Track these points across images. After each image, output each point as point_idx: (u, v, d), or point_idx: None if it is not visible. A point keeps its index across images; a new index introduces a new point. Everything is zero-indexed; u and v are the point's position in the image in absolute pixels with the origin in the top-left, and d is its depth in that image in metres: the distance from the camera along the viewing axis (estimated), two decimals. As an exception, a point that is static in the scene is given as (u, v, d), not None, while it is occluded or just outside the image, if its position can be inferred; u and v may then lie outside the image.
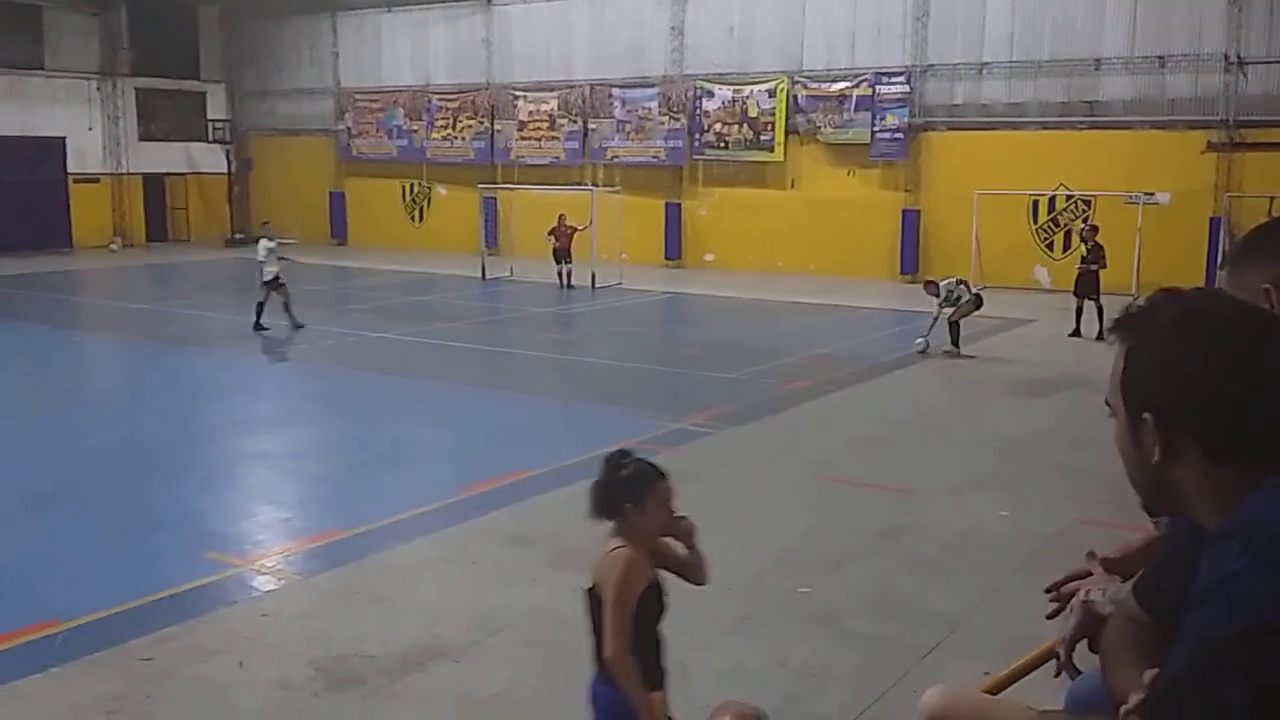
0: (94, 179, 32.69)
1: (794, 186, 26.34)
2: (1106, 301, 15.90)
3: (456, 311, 20.52)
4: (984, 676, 2.95)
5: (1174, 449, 1.47)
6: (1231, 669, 1.28)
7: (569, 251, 23.37)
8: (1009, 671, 2.58)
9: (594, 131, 28.83)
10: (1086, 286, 16.95)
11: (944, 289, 15.41)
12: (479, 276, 25.05)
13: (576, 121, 29.06)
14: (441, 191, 32.16)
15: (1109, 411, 1.59)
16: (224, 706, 5.39)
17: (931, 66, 24.30)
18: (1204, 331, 1.47)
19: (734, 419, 11.59)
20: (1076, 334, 16.82)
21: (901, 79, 24.50)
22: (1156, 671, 1.50)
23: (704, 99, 27.12)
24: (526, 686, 5.62)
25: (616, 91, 28.35)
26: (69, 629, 6.19)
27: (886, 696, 5.40)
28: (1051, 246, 23.49)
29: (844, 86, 25.19)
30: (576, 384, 14.31)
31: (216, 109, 35.30)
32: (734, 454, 10.27)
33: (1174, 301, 1.53)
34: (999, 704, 2.33)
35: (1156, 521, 2.12)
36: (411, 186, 32.77)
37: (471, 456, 10.42)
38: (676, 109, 27.48)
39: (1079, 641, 2.03)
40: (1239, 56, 21.11)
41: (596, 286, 23.15)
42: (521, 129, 30.07)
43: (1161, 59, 21.84)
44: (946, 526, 8.11)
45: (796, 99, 25.81)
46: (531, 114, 29.85)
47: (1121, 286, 19.08)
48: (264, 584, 7.06)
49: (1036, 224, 23.66)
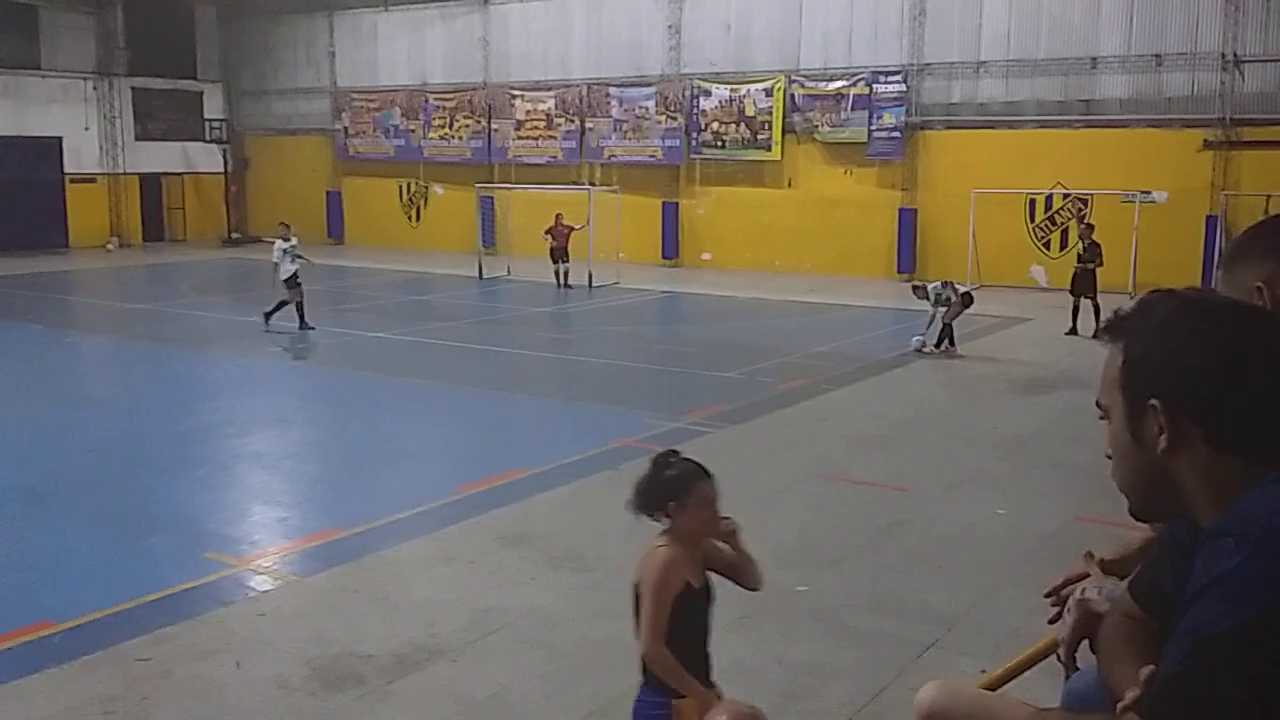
0: (90, 179, 32.65)
1: (791, 185, 26.34)
2: (1103, 300, 15.93)
3: (454, 311, 20.52)
4: (981, 674, 2.95)
5: (1179, 436, 1.48)
6: (1228, 663, 1.28)
7: (566, 251, 23.35)
8: (1006, 668, 2.58)
9: (591, 131, 28.81)
10: (1083, 285, 16.97)
11: (931, 292, 15.48)
12: (476, 276, 25.02)
13: (574, 121, 29.04)
14: (438, 191, 32.15)
15: (1100, 414, 1.60)
16: (221, 706, 5.39)
17: (928, 65, 24.31)
18: (1204, 319, 1.49)
19: (732, 418, 11.60)
20: (1073, 332, 16.83)
21: (898, 78, 24.50)
22: (1152, 668, 1.50)
23: (701, 98, 27.11)
24: (524, 686, 5.62)
25: (614, 91, 28.33)
26: (66, 629, 6.19)
27: (884, 693, 5.42)
28: (1048, 245, 23.50)
29: (841, 85, 25.19)
30: (574, 383, 14.30)
31: (213, 108, 35.25)
32: (732, 452, 10.25)
33: (1168, 297, 1.54)
34: (996, 700, 2.33)
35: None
36: (408, 186, 32.76)
37: (469, 456, 10.42)
38: (674, 108, 27.47)
39: (1079, 642, 2.02)
40: (1235, 55, 21.14)
41: (594, 286, 23.14)
42: (518, 128, 30.05)
43: (1158, 57, 21.86)
44: (944, 524, 8.12)
45: (794, 98, 25.81)
46: (528, 113, 29.84)
47: (1118, 285, 19.13)
48: (261, 584, 7.06)
49: (1033, 223, 23.67)
